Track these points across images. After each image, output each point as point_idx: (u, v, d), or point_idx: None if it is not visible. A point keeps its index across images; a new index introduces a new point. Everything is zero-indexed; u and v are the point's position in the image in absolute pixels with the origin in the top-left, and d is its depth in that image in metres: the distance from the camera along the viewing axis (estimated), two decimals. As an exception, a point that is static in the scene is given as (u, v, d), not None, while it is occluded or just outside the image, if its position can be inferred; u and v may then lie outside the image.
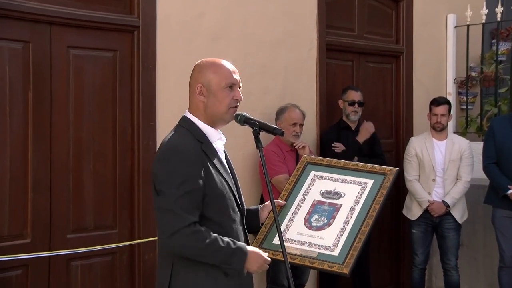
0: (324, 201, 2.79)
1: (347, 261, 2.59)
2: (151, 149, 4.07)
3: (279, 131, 2.54)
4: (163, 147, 2.47)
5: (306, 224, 2.74)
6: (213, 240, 2.37)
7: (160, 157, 2.44)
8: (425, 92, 5.97)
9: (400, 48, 5.96)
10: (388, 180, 2.79)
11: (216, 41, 4.45)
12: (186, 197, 2.35)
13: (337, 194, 2.81)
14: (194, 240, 2.34)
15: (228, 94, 2.49)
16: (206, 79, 2.50)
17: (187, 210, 2.35)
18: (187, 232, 2.33)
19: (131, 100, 4.09)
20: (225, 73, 2.50)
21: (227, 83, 2.49)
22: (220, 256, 2.39)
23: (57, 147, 3.79)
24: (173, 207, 2.34)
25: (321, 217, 2.75)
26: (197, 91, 2.51)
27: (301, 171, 2.93)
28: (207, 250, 2.36)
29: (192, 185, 2.37)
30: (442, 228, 5.10)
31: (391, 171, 2.83)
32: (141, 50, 4.07)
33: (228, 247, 2.39)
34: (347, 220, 2.70)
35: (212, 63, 2.54)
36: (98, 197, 3.97)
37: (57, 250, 3.70)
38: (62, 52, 3.80)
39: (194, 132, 2.48)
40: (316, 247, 2.65)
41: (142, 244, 4.06)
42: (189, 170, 2.37)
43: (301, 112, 4.66)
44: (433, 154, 5.10)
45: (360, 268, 5.09)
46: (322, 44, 5.17)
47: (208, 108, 2.51)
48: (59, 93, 3.79)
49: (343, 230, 2.68)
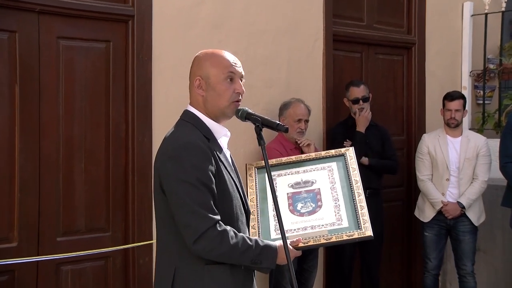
0: (299, 191, 2.96)
1: (364, 225, 2.74)
2: (147, 146, 4.06)
3: (283, 127, 2.52)
4: (171, 144, 2.44)
5: (295, 214, 2.86)
6: (240, 240, 2.38)
7: (169, 155, 2.41)
8: (439, 86, 5.96)
9: (412, 39, 5.94)
10: (350, 158, 3.08)
11: (215, 31, 4.44)
12: (206, 195, 2.35)
13: (308, 182, 3.00)
14: (223, 241, 2.34)
15: (228, 87, 2.48)
16: (205, 72, 2.50)
17: (210, 209, 2.34)
18: (214, 233, 2.33)
19: (125, 94, 4.08)
20: (225, 65, 2.50)
21: (227, 75, 2.48)
22: (249, 256, 2.40)
23: (46, 145, 3.78)
24: (193, 208, 2.32)
25: (306, 203, 2.90)
26: (196, 85, 2.51)
27: (254, 176, 3.04)
28: (236, 250, 2.37)
29: (209, 182, 2.36)
30: (456, 231, 5.09)
31: (347, 150, 3.15)
32: (136, 40, 4.06)
33: (256, 245, 2.41)
34: (336, 198, 2.90)
35: (211, 54, 2.54)
36: (90, 198, 3.96)
37: (46, 254, 3.69)
38: (51, 43, 3.79)
39: (200, 127, 2.48)
40: (321, 226, 2.77)
41: (137, 248, 4.05)
42: (205, 167, 2.36)
43: (306, 107, 4.64)
44: (447, 152, 5.09)
45: (369, 273, 5.10)
46: (328, 35, 5.16)
47: (207, 102, 2.50)
48: (48, 86, 3.78)
49: (338, 206, 2.86)
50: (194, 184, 2.33)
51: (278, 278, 4.42)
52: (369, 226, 2.76)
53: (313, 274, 4.68)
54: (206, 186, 2.35)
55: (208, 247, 2.33)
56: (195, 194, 2.33)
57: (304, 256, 4.53)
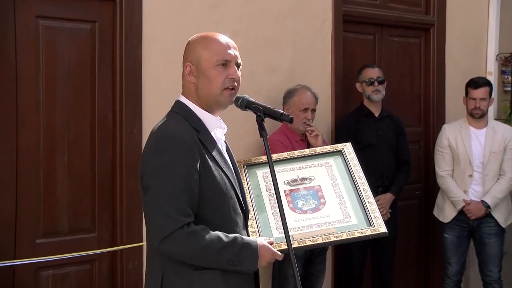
0: (297, 188, 3.02)
1: (376, 222, 2.81)
2: (136, 138, 4.07)
3: (287, 117, 2.52)
4: (153, 135, 2.47)
5: (296, 211, 2.91)
6: (215, 238, 2.37)
7: (149, 147, 2.45)
8: (460, 72, 5.94)
9: (430, 19, 5.92)
10: (349, 153, 3.18)
11: (213, 10, 4.43)
12: (180, 194, 2.35)
13: (306, 179, 3.07)
14: (190, 242, 2.35)
15: (220, 72, 2.49)
16: (196, 57, 2.52)
17: (180, 210, 2.35)
18: (180, 234, 2.34)
19: (113, 81, 4.08)
20: (217, 48, 2.51)
21: (219, 59, 2.50)
22: (226, 256, 2.39)
23: (24, 136, 3.77)
24: (163, 207, 2.34)
25: (307, 200, 2.96)
26: (187, 72, 2.54)
27: (244, 174, 3.09)
28: (209, 250, 2.36)
29: (188, 180, 2.37)
30: (481, 233, 5.07)
31: (344, 145, 3.25)
32: (125, 21, 4.05)
33: (234, 243, 2.40)
34: (340, 195, 2.97)
35: (203, 37, 2.56)
36: (73, 195, 3.96)
37: (24, 258, 3.69)
38: (29, 23, 3.78)
39: (189, 118, 2.49)
40: (328, 224, 2.82)
41: (125, 250, 4.05)
42: (185, 162, 2.37)
43: (313, 95, 4.63)
44: (470, 145, 5.07)
45: (382, 280, 5.12)
46: (338, 15, 5.14)
47: (199, 90, 2.52)
48: (27, 71, 3.77)
49: (343, 203, 2.93)
50: (170, 180, 2.35)
51: (281, 284, 4.44)
52: (381, 222, 2.82)
53: (320, 280, 4.68)
54: (184, 183, 2.36)
55: (175, 247, 2.35)
56: (169, 191, 2.34)
57: (311, 260, 4.54)
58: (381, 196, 4.90)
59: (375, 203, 2.93)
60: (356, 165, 3.11)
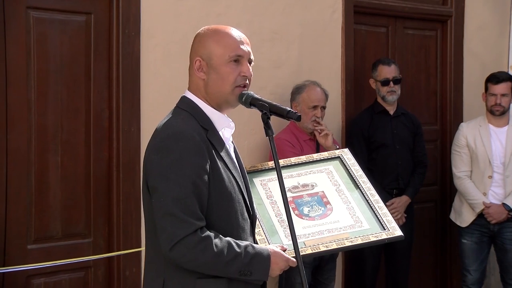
0: (300, 195, 3.10)
1: (391, 226, 2.90)
2: (134, 137, 4.07)
3: (295, 115, 2.51)
4: (158, 133, 2.46)
5: (304, 218, 2.97)
6: (226, 246, 2.37)
7: (155, 146, 2.43)
8: (480, 66, 5.94)
9: (447, 10, 5.91)
10: (348, 159, 3.28)
11: (213, 2, 4.44)
12: (190, 196, 2.35)
13: (307, 185, 3.15)
14: (203, 249, 2.34)
15: (233, 69, 2.49)
16: (207, 51, 2.51)
17: (192, 213, 2.35)
18: (193, 240, 2.33)
19: (109, 76, 4.09)
20: (230, 44, 2.50)
21: (232, 55, 2.49)
22: (237, 266, 2.39)
23: (14, 136, 3.78)
24: (174, 210, 2.33)
25: (313, 207, 3.02)
26: (196, 66, 2.52)
27: None
28: (220, 260, 2.36)
29: (197, 182, 2.36)
30: (502, 238, 5.06)
31: (342, 151, 3.36)
32: (122, 12, 4.06)
33: (246, 253, 2.40)
34: (346, 200, 3.06)
35: (215, 31, 2.55)
36: (67, 198, 3.97)
37: (14, 264, 3.69)
38: (19, 14, 3.79)
39: (197, 116, 2.49)
40: (340, 229, 2.89)
41: (122, 256, 4.06)
42: (195, 162, 2.37)
43: (322, 91, 4.63)
44: (490, 145, 5.07)
45: (396, 286, 5.11)
46: (348, 5, 5.15)
47: (209, 87, 2.51)
48: (17, 66, 3.78)
49: (352, 208, 3.01)
50: (179, 181, 2.34)
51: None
52: (396, 226, 2.93)
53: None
54: (194, 185, 2.35)
55: (186, 256, 2.34)
56: (178, 193, 2.34)
57: (320, 267, 4.53)
58: (396, 199, 4.89)
59: (385, 207, 3.03)
60: (358, 170, 3.22)
